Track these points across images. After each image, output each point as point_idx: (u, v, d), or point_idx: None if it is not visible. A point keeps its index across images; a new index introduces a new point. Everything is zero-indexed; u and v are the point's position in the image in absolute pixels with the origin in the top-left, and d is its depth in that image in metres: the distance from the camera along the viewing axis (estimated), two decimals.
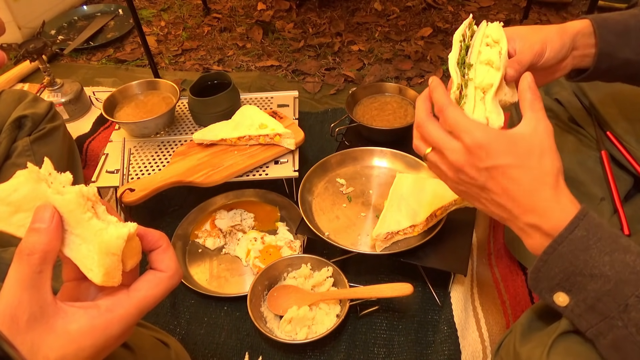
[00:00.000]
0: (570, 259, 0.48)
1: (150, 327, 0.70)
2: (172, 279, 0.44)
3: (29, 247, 0.38)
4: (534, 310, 0.60)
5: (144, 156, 1.12)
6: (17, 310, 0.37)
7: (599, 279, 0.46)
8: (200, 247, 1.07)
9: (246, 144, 1.09)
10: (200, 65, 1.78)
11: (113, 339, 0.40)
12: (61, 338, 0.38)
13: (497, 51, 0.60)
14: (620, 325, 0.46)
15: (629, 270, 0.46)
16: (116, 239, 0.40)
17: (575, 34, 0.64)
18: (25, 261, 0.38)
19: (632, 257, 0.46)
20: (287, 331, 0.88)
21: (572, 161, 0.87)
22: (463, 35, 0.63)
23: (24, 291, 0.37)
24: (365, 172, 1.07)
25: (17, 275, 0.38)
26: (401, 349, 0.88)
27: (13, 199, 0.39)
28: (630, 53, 0.64)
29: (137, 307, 0.41)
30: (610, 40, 0.64)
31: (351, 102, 1.22)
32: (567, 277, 0.48)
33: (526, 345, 0.56)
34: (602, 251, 0.47)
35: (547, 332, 0.55)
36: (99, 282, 0.40)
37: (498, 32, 0.62)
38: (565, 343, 0.52)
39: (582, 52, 0.65)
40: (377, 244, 0.89)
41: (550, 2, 1.95)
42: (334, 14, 2.00)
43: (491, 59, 0.59)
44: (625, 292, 0.46)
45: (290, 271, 0.96)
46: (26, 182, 0.39)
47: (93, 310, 0.40)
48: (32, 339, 0.37)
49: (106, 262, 0.40)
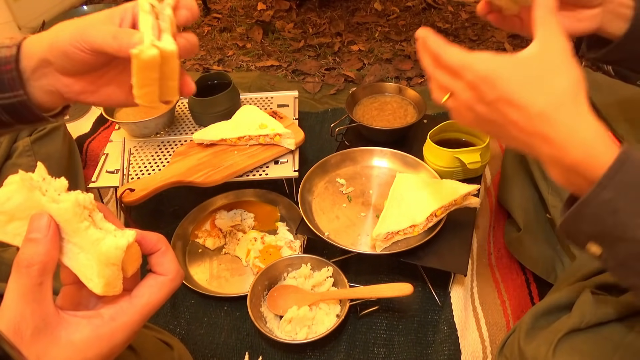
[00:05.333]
0: (598, 222, 0.44)
1: (153, 328, 0.70)
2: (174, 282, 0.43)
3: (27, 258, 0.37)
4: (538, 309, 0.60)
5: (144, 156, 1.12)
6: (20, 324, 0.36)
7: (629, 242, 0.43)
8: (200, 247, 1.07)
9: (246, 144, 1.09)
10: (200, 65, 1.78)
11: (118, 347, 0.40)
12: (66, 349, 0.38)
13: None
14: None
15: None
16: (115, 250, 0.39)
17: None
18: (24, 273, 0.37)
19: None
20: (287, 331, 0.88)
21: None
22: None
23: (26, 304, 0.37)
24: (365, 172, 1.07)
25: (18, 288, 0.37)
26: (401, 349, 0.88)
27: (7, 207, 0.38)
28: None
29: (140, 314, 0.41)
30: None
31: (351, 102, 1.22)
32: (595, 235, 0.45)
33: (531, 343, 0.56)
34: (634, 214, 0.42)
35: (552, 331, 0.54)
36: (100, 293, 0.39)
37: None
38: (571, 342, 0.52)
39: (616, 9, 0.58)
40: (377, 244, 0.89)
41: None
42: (334, 14, 2.00)
43: None
44: None
45: (290, 271, 0.96)
46: (19, 190, 0.38)
47: (96, 320, 0.39)
48: (37, 351, 0.37)
49: (106, 273, 0.39)
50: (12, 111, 0.50)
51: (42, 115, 0.52)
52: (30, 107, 0.50)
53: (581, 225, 0.45)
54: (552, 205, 0.88)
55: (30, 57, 0.49)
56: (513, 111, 0.46)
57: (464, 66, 0.49)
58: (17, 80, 0.48)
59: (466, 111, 0.52)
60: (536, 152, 0.48)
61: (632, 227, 0.42)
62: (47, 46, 0.48)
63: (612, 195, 0.42)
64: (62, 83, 0.50)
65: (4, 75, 0.48)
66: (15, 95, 0.49)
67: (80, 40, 0.47)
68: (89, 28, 0.47)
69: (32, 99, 0.50)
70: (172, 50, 0.47)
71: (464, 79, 0.50)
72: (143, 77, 0.47)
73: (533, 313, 0.60)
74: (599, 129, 0.44)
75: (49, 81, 0.50)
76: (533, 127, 0.46)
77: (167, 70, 0.48)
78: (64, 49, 0.47)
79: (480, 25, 1.90)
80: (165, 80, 0.49)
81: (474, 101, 0.50)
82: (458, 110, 0.53)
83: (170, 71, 0.49)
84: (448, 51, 0.51)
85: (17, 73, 0.48)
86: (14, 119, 0.51)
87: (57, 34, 0.48)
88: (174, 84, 0.50)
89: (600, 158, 0.43)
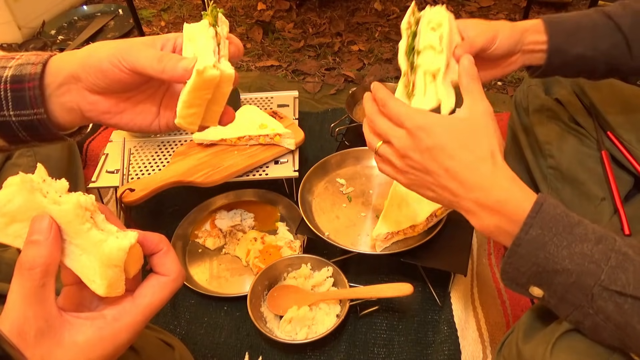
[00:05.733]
0: (531, 259, 0.49)
1: (154, 329, 0.70)
2: (176, 282, 0.43)
3: (29, 260, 0.37)
4: (536, 309, 0.60)
5: (144, 156, 1.12)
6: (23, 326, 0.36)
7: (562, 273, 0.47)
8: (200, 247, 1.07)
9: (246, 144, 1.09)
10: None
11: (121, 348, 0.40)
12: (70, 351, 0.38)
13: (438, 35, 0.61)
14: (591, 313, 0.48)
15: (587, 260, 0.47)
16: (117, 251, 0.39)
17: (526, 29, 0.67)
18: (26, 276, 0.37)
19: (589, 245, 0.47)
20: (287, 331, 0.88)
21: (573, 161, 0.87)
22: (409, 23, 0.64)
23: (28, 307, 0.37)
24: (365, 172, 1.07)
25: (20, 290, 0.37)
26: (401, 349, 0.88)
27: (7, 209, 0.38)
28: (582, 49, 0.68)
29: (143, 314, 0.41)
30: (561, 37, 0.68)
31: (351, 102, 1.22)
32: (533, 275, 0.50)
33: (529, 343, 0.56)
34: (559, 245, 0.47)
35: (549, 330, 0.55)
36: (103, 294, 0.39)
37: (440, 15, 0.63)
38: (569, 341, 0.52)
39: (533, 48, 0.68)
40: (377, 244, 0.89)
41: (550, 2, 1.95)
42: (334, 14, 2.00)
43: (432, 43, 0.61)
44: (588, 282, 0.47)
45: (290, 271, 0.96)
46: (20, 192, 0.38)
47: (99, 321, 0.39)
48: (42, 353, 0.37)
49: (108, 274, 0.39)
50: (30, 128, 0.50)
51: (58, 134, 0.51)
52: (47, 126, 0.50)
53: (519, 266, 0.50)
54: None
55: (57, 74, 0.49)
56: (446, 159, 0.53)
57: (407, 115, 0.55)
58: (38, 98, 0.48)
59: (397, 158, 0.58)
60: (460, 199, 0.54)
61: (560, 258, 0.47)
62: (78, 62, 0.48)
63: (539, 231, 0.48)
64: (87, 101, 0.50)
65: (26, 92, 0.48)
66: (35, 112, 0.49)
67: (120, 59, 0.47)
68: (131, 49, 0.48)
69: (51, 117, 0.50)
70: (230, 74, 0.48)
71: (404, 126, 0.56)
72: (196, 96, 0.48)
73: (531, 313, 0.60)
74: (515, 177, 0.53)
75: (73, 97, 0.50)
76: (463, 175, 0.53)
77: (219, 95, 0.49)
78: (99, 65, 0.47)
79: None
80: (212, 105, 0.50)
81: (409, 149, 0.56)
82: (388, 158, 0.59)
83: (221, 96, 0.50)
84: (394, 101, 0.58)
85: (39, 91, 0.48)
86: (30, 136, 0.51)
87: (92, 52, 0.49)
88: (219, 109, 0.51)
89: (518, 196, 0.51)
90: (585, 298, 0.47)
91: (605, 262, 0.46)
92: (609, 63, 0.70)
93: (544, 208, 0.49)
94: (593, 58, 0.69)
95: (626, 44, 0.68)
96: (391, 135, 0.58)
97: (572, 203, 0.87)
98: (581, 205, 0.85)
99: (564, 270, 0.47)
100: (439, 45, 0.61)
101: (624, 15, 0.68)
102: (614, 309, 0.46)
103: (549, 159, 0.90)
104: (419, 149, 0.55)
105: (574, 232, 0.48)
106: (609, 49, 0.69)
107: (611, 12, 0.69)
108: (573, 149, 0.88)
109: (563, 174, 0.88)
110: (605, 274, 0.46)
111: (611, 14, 0.69)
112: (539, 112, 0.95)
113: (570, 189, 0.88)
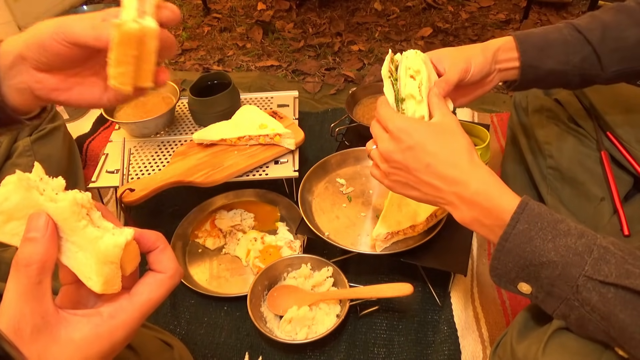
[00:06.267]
0: (519, 253, 0.51)
1: (153, 328, 0.70)
2: (173, 279, 0.43)
3: (25, 257, 0.37)
4: (529, 309, 0.61)
5: (144, 156, 1.12)
6: (20, 323, 0.36)
7: (548, 266, 0.49)
8: (200, 247, 1.07)
9: (246, 144, 1.09)
10: (200, 65, 1.78)
11: (118, 345, 0.40)
12: (66, 348, 0.38)
13: (417, 84, 0.65)
14: (577, 306, 0.49)
15: (571, 252, 0.49)
16: (113, 248, 0.39)
17: (497, 49, 0.70)
18: (23, 273, 0.37)
19: (572, 239, 0.49)
20: (287, 331, 0.88)
21: (572, 161, 0.87)
22: (390, 70, 0.67)
23: (25, 303, 0.37)
24: (365, 172, 1.07)
25: (17, 287, 0.37)
26: (401, 349, 0.88)
27: (4, 207, 0.38)
28: (553, 64, 0.70)
29: (140, 311, 0.41)
30: (532, 53, 0.70)
31: (351, 102, 1.22)
32: (521, 269, 0.52)
33: (522, 343, 0.56)
34: (544, 239, 0.50)
35: (543, 330, 0.55)
36: (99, 291, 0.39)
37: (416, 63, 0.66)
38: (560, 339, 0.53)
39: (506, 66, 0.71)
40: (377, 244, 0.89)
41: (550, 2, 1.95)
42: (334, 14, 2.00)
43: (412, 93, 0.65)
44: (573, 273, 0.48)
45: (290, 271, 0.96)
46: (17, 190, 0.38)
47: (96, 318, 0.39)
48: (38, 350, 0.37)
49: (104, 271, 0.39)
50: None
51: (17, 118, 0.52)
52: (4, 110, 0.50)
53: (507, 262, 0.52)
54: (551, 206, 0.89)
55: (7, 57, 0.49)
56: (426, 156, 0.58)
57: (391, 118, 0.61)
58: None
59: (383, 161, 0.63)
60: (443, 193, 0.58)
61: (546, 250, 0.49)
62: (23, 42, 0.49)
63: (525, 226, 0.51)
64: (34, 79, 0.50)
65: None
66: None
67: (59, 33, 0.48)
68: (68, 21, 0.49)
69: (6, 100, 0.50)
70: (153, 28, 0.48)
71: (387, 129, 0.61)
72: (121, 52, 0.47)
73: (525, 313, 0.61)
74: (491, 172, 0.57)
75: (23, 78, 0.50)
76: (443, 170, 0.57)
77: (146, 51, 0.49)
78: (41, 42, 0.48)
79: (480, 25, 1.90)
80: (142, 63, 0.50)
81: (392, 152, 0.61)
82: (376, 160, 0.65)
83: (148, 53, 0.49)
84: (384, 106, 0.64)
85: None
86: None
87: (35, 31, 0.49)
88: (149, 67, 0.50)
89: (494, 189, 0.55)
90: (571, 290, 0.49)
91: (588, 254, 0.48)
92: (582, 75, 0.71)
93: (530, 206, 0.52)
94: (565, 72, 0.71)
95: (596, 57, 0.70)
96: (379, 138, 0.63)
97: (571, 203, 0.87)
98: (581, 206, 0.85)
99: (550, 263, 0.49)
100: (418, 94, 0.64)
101: (593, 28, 0.70)
102: (599, 299, 0.47)
103: (549, 159, 0.91)
104: (401, 149, 0.60)
105: (557, 227, 0.50)
106: (580, 62, 0.70)
107: (581, 26, 0.71)
108: (573, 149, 0.88)
109: (563, 174, 0.88)
110: (589, 265, 0.48)
111: (580, 27, 0.70)
112: (538, 112, 0.95)
113: (569, 189, 0.88)
